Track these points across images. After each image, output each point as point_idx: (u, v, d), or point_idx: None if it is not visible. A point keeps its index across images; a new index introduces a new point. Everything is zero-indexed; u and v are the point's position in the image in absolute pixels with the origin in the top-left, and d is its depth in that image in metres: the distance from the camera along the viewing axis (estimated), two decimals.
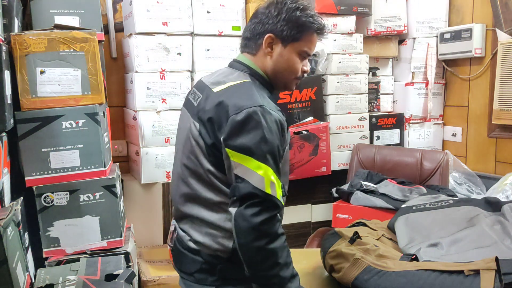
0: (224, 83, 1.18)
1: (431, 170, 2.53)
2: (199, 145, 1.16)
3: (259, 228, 1.05)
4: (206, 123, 1.13)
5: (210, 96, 1.16)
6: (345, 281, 1.29)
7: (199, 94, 1.23)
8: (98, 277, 1.58)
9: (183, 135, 1.24)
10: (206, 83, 1.24)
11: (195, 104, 1.21)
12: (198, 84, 1.30)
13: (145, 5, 2.19)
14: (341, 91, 2.63)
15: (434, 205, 1.60)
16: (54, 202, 1.72)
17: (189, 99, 1.30)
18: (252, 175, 1.06)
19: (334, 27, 2.60)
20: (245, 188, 1.06)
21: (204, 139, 1.14)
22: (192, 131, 1.17)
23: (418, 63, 2.82)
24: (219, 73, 1.27)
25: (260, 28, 1.19)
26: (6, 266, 1.23)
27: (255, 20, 1.22)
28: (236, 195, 1.08)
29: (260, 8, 1.23)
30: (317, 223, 2.73)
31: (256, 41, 1.21)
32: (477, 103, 2.68)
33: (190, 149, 1.19)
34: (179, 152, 1.27)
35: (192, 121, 1.18)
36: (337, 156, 2.68)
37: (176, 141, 1.33)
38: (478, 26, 2.57)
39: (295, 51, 1.20)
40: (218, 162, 1.13)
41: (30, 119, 1.67)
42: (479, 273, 1.12)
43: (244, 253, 1.08)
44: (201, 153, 1.15)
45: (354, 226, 1.62)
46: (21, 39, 1.64)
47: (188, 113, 1.24)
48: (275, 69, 1.21)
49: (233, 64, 1.26)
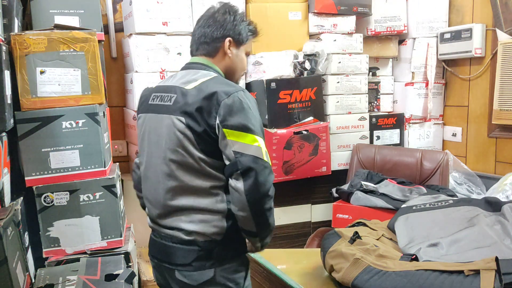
0: (195, 80, 1.29)
1: (431, 170, 2.53)
2: (187, 137, 1.24)
3: (268, 194, 1.22)
4: (194, 113, 1.23)
5: (188, 92, 1.26)
6: (345, 281, 1.29)
7: (170, 95, 1.31)
8: (98, 277, 1.58)
9: (160, 135, 1.31)
10: (173, 85, 1.33)
11: (170, 103, 1.29)
12: (158, 89, 1.38)
13: (145, 5, 2.19)
14: (341, 91, 2.63)
15: (434, 205, 1.60)
16: (54, 202, 1.72)
17: (153, 103, 1.36)
18: (250, 148, 1.21)
19: (334, 27, 2.60)
20: (246, 161, 1.19)
21: (193, 129, 1.23)
22: (177, 126, 1.25)
23: (418, 63, 2.82)
24: (181, 75, 1.36)
25: (220, 33, 1.35)
26: (6, 266, 1.23)
27: (213, 26, 1.36)
28: (239, 168, 1.19)
29: (214, 15, 1.37)
30: (317, 223, 2.73)
31: (216, 44, 1.36)
32: (477, 103, 2.68)
33: (176, 143, 1.26)
34: (156, 152, 1.33)
35: (173, 117, 1.27)
36: (337, 156, 2.69)
37: (148, 144, 1.36)
38: (478, 26, 2.57)
39: (244, 52, 1.42)
40: (208, 148, 1.24)
41: (30, 119, 1.67)
42: (479, 273, 1.12)
43: (258, 218, 1.23)
44: (190, 143, 1.24)
45: (354, 226, 1.62)
46: (21, 39, 1.64)
47: (161, 113, 1.31)
48: (232, 68, 1.40)
49: (193, 66, 1.37)
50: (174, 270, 1.30)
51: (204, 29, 1.37)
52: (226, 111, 1.21)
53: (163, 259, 1.34)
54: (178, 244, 1.29)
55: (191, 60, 1.41)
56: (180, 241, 1.29)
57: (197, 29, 1.40)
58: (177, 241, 1.30)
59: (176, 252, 1.30)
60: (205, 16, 1.40)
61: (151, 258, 1.42)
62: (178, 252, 1.29)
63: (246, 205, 1.20)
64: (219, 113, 1.21)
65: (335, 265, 1.35)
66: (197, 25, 1.40)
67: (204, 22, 1.38)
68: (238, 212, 1.23)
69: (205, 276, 1.27)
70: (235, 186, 1.21)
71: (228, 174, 1.24)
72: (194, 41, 1.41)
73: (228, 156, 1.22)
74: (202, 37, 1.37)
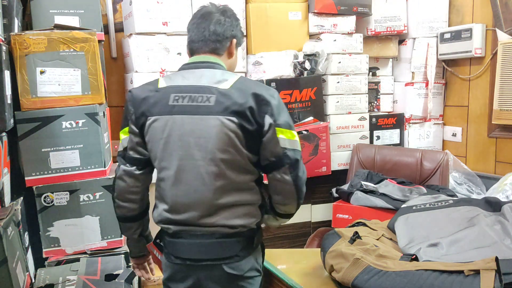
0: (225, 80, 1.32)
1: (431, 170, 2.53)
2: (238, 136, 1.29)
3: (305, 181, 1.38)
4: (246, 113, 1.28)
5: (229, 92, 1.30)
6: (345, 281, 1.29)
7: (205, 95, 1.30)
8: (98, 277, 1.58)
9: (204, 136, 1.29)
10: (203, 84, 1.31)
11: (210, 103, 1.29)
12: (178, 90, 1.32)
13: (145, 5, 2.19)
14: (341, 91, 2.63)
15: (434, 205, 1.60)
16: (54, 202, 1.72)
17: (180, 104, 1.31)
18: (294, 142, 1.34)
19: (334, 27, 2.60)
20: (293, 155, 1.33)
21: (245, 128, 1.29)
22: (227, 126, 1.28)
23: (418, 63, 2.81)
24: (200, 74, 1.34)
25: (228, 33, 1.40)
26: (6, 266, 1.23)
27: (224, 25, 1.40)
28: (288, 162, 1.32)
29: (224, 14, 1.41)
30: (317, 223, 2.73)
31: (226, 44, 1.40)
32: (477, 103, 2.68)
33: (227, 142, 1.29)
34: (198, 153, 1.30)
35: (221, 117, 1.28)
36: (337, 156, 2.68)
37: (180, 147, 1.31)
38: (478, 26, 2.57)
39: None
40: (253, 146, 1.32)
41: (30, 119, 1.67)
42: (479, 273, 1.12)
43: (301, 200, 1.39)
44: (239, 142, 1.30)
45: (354, 226, 1.61)
46: (21, 39, 1.64)
47: (201, 114, 1.29)
48: (232, 67, 1.47)
49: (207, 65, 1.38)
50: (221, 265, 1.33)
51: (215, 27, 1.38)
52: (276, 111, 1.30)
53: (203, 257, 1.33)
54: (222, 239, 1.33)
55: (199, 58, 1.39)
56: (224, 235, 1.33)
57: (206, 26, 1.38)
58: (221, 235, 1.33)
59: (222, 246, 1.33)
60: (213, 15, 1.39)
61: (181, 262, 1.35)
62: (223, 245, 1.33)
63: (294, 193, 1.35)
64: (271, 113, 1.30)
65: (335, 265, 1.35)
66: (204, 22, 1.38)
67: (216, 20, 1.38)
68: (284, 200, 1.38)
69: (249, 263, 1.36)
70: (284, 178, 1.33)
71: (272, 169, 1.34)
72: (200, 38, 1.38)
73: (274, 152, 1.32)
74: (214, 35, 1.38)
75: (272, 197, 1.41)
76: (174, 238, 1.36)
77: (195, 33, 1.40)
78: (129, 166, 1.38)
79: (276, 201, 1.40)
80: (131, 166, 1.38)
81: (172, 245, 1.36)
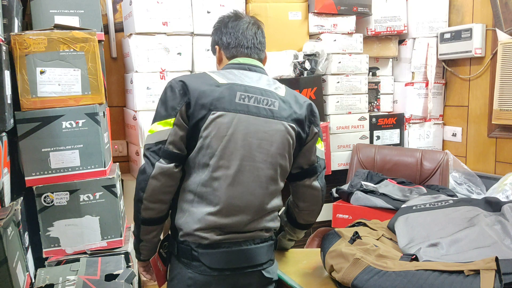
0: (280, 87, 1.39)
1: (431, 170, 2.53)
2: (294, 143, 1.35)
3: None
4: (303, 121, 1.36)
5: (288, 100, 1.36)
6: (345, 281, 1.29)
7: (269, 99, 1.32)
8: (98, 277, 1.58)
9: (268, 139, 1.30)
10: (265, 88, 1.34)
11: (275, 108, 1.32)
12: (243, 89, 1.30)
13: (145, 5, 2.19)
14: (341, 91, 2.64)
15: (434, 205, 1.60)
16: (54, 202, 1.72)
17: (246, 103, 1.28)
18: (323, 152, 1.45)
19: (334, 27, 2.60)
20: (323, 163, 1.44)
21: (299, 136, 1.36)
22: (290, 133, 1.33)
23: (418, 63, 2.82)
24: (257, 77, 1.37)
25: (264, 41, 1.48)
26: (6, 266, 1.23)
27: (264, 37, 1.47)
28: (320, 170, 1.42)
29: (261, 27, 1.48)
30: (317, 223, 2.70)
31: (264, 54, 1.48)
32: (477, 103, 2.68)
33: (286, 149, 1.33)
34: (260, 156, 1.29)
35: (286, 123, 1.33)
36: (337, 156, 2.69)
37: (241, 146, 1.27)
38: (478, 26, 2.57)
39: None
40: (294, 154, 1.38)
41: (30, 119, 1.67)
42: (479, 273, 1.12)
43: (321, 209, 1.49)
44: (293, 149, 1.36)
45: (354, 226, 1.61)
46: (21, 39, 1.64)
47: (267, 118, 1.30)
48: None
49: (259, 70, 1.42)
50: (260, 271, 1.33)
51: (261, 38, 1.45)
52: (318, 121, 1.41)
53: (243, 264, 1.30)
54: (260, 244, 1.34)
55: (250, 61, 1.41)
56: (262, 240, 1.35)
57: (253, 34, 1.43)
58: (260, 241, 1.34)
59: (260, 251, 1.33)
60: (257, 25, 1.46)
61: (218, 273, 1.28)
62: (261, 251, 1.34)
63: (320, 199, 1.44)
64: (317, 124, 1.39)
65: (335, 265, 1.35)
66: (249, 31, 1.42)
67: (259, 32, 1.45)
68: (311, 207, 1.46)
69: (276, 266, 1.42)
70: (315, 185, 1.42)
71: (305, 176, 1.41)
72: (250, 45, 1.42)
73: (310, 160, 1.40)
74: (260, 44, 1.45)
75: (298, 205, 1.46)
76: (211, 249, 1.27)
77: (242, 38, 1.41)
78: (166, 163, 1.24)
79: (302, 208, 1.46)
80: (169, 162, 1.24)
81: (208, 256, 1.27)
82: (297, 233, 1.57)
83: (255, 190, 1.29)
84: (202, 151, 1.26)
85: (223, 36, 1.42)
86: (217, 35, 1.45)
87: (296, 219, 1.50)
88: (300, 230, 1.55)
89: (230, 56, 1.42)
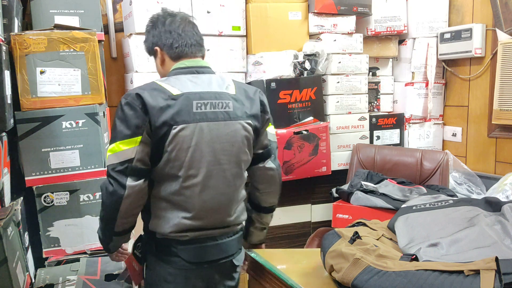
0: (228, 85, 1.40)
1: (431, 170, 2.53)
2: (252, 138, 1.41)
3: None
4: (258, 115, 1.42)
5: (238, 97, 1.39)
6: (345, 281, 1.29)
7: (223, 101, 1.35)
8: (98, 277, 1.58)
9: (230, 140, 1.35)
10: (217, 91, 1.35)
11: (230, 109, 1.36)
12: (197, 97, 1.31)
13: (145, 5, 2.19)
14: (341, 91, 2.63)
15: (434, 205, 1.60)
16: (54, 202, 1.72)
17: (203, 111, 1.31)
18: (274, 133, 1.52)
19: (334, 27, 2.60)
20: (275, 145, 1.51)
21: (256, 128, 1.42)
22: (247, 130, 1.38)
23: (418, 63, 2.81)
24: (208, 80, 1.37)
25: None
26: (6, 266, 1.23)
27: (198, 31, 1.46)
28: (273, 152, 1.49)
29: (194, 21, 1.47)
30: (317, 223, 2.73)
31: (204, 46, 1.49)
32: (477, 103, 2.68)
33: (247, 145, 1.40)
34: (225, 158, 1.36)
35: (242, 122, 1.37)
36: (337, 156, 2.68)
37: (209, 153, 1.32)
38: (478, 26, 2.57)
39: None
40: (254, 144, 1.44)
41: (30, 119, 1.67)
42: (479, 273, 1.12)
43: (280, 188, 1.55)
44: (252, 143, 1.42)
45: (354, 226, 1.61)
46: (21, 39, 1.64)
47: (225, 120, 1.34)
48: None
49: (207, 70, 1.42)
50: (231, 260, 1.43)
51: (200, 34, 1.46)
52: (268, 108, 1.46)
53: (219, 257, 1.40)
54: (233, 236, 1.43)
55: (196, 62, 1.41)
56: (234, 233, 1.44)
57: (193, 31, 1.43)
58: (232, 233, 1.43)
59: (233, 243, 1.43)
60: (191, 21, 1.45)
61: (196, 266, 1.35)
62: (233, 242, 1.44)
63: (277, 178, 1.51)
64: (266, 111, 1.45)
65: (335, 265, 1.35)
66: (188, 26, 1.42)
67: (196, 27, 1.46)
68: (269, 188, 1.51)
69: (243, 252, 1.51)
70: (271, 166, 1.48)
71: (260, 160, 1.47)
72: (193, 42, 1.41)
73: (263, 144, 1.46)
74: (201, 41, 1.46)
75: (257, 187, 1.51)
76: (190, 244, 1.34)
77: (185, 36, 1.39)
78: (135, 180, 1.25)
79: (262, 190, 1.51)
80: (138, 179, 1.26)
81: (187, 251, 1.34)
82: (263, 218, 1.59)
83: (224, 190, 1.37)
84: (170, 164, 1.29)
85: (163, 36, 1.39)
86: (155, 36, 1.41)
87: (260, 203, 1.54)
88: (265, 214, 1.58)
89: (174, 56, 1.39)
